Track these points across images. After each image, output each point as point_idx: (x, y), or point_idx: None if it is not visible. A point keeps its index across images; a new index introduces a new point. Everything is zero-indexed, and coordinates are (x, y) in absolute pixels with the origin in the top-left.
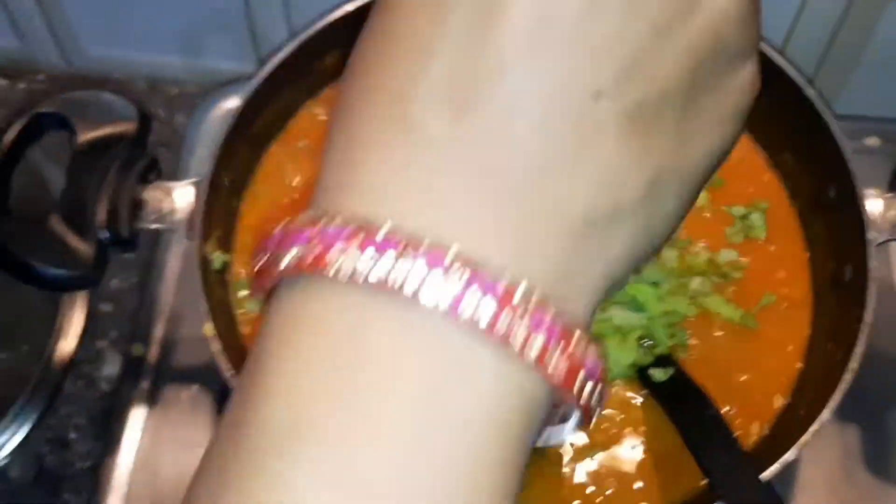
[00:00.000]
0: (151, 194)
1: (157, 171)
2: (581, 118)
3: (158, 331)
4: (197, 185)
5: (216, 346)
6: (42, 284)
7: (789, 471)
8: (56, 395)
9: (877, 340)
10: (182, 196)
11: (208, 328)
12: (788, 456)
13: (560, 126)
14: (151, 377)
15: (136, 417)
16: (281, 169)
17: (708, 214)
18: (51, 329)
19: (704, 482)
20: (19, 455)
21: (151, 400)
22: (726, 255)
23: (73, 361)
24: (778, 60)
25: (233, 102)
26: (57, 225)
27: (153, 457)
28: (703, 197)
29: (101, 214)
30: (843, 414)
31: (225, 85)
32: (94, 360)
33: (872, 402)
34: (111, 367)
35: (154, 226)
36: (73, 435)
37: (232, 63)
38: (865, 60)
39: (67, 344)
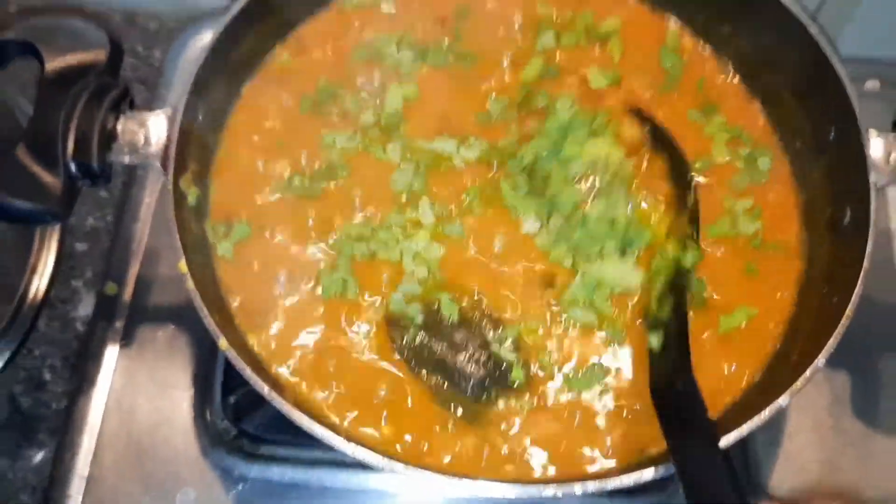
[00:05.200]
0: (124, 125)
1: (130, 101)
2: None
3: (133, 269)
4: (170, 115)
5: (191, 285)
6: (7, 218)
7: (778, 417)
8: (29, 335)
9: (869, 286)
10: (155, 127)
11: (182, 265)
12: (781, 401)
13: None
14: (125, 316)
15: (110, 357)
16: (259, 107)
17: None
18: (23, 266)
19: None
20: None
21: (126, 339)
22: (743, 204)
23: (47, 301)
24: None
25: (210, 37)
26: (24, 156)
27: (127, 396)
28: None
29: (70, 146)
30: (832, 361)
31: (201, 18)
32: (69, 299)
33: (862, 349)
34: (86, 308)
35: (126, 158)
36: (47, 376)
37: None
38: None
39: (41, 282)
